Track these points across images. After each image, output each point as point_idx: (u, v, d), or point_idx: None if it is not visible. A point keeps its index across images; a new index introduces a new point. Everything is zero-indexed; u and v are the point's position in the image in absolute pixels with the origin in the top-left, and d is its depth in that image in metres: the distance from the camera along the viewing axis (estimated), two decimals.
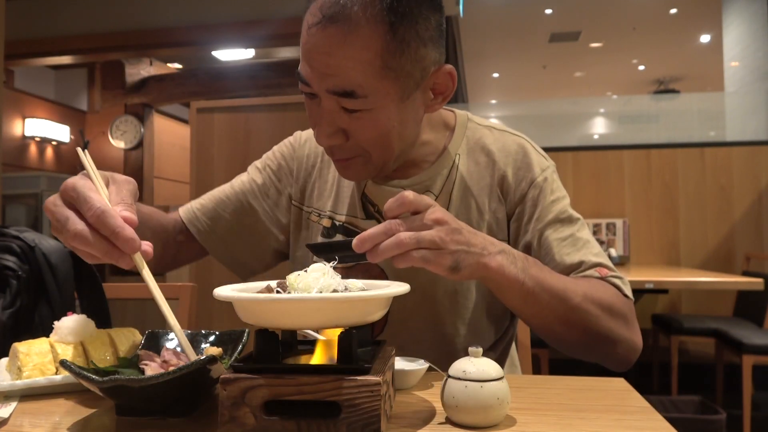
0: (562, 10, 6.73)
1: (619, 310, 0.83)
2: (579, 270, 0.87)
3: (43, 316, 0.90)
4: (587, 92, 10.05)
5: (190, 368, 0.56)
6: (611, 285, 0.85)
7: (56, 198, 0.66)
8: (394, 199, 0.68)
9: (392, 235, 0.66)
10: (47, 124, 6.60)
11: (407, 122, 0.84)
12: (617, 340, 0.82)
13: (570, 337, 0.81)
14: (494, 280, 0.73)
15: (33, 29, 4.84)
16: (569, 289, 0.78)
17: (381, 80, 0.77)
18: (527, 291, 0.75)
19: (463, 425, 0.58)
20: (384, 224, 0.67)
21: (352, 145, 0.84)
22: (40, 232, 1.06)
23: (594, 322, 0.80)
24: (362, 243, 0.66)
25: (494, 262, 0.72)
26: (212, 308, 2.91)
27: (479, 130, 0.98)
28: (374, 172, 0.89)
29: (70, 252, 0.96)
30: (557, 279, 0.79)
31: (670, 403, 2.58)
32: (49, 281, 0.91)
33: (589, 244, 0.90)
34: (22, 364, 0.71)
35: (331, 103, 0.80)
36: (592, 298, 0.80)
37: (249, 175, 1.06)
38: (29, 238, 0.93)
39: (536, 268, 0.77)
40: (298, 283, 0.59)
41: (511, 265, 0.73)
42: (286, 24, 4.47)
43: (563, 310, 0.78)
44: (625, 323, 0.83)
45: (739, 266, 3.77)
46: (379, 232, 0.66)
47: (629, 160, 4.01)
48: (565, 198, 0.94)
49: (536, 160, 0.95)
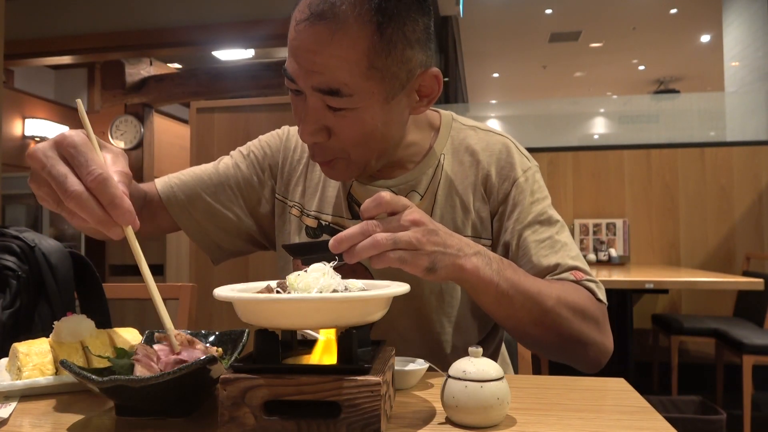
0: (562, 10, 6.73)
1: (592, 314, 0.84)
2: (555, 272, 0.88)
3: (43, 316, 0.90)
4: (587, 92, 10.06)
5: (190, 368, 0.56)
6: (585, 289, 0.86)
7: (48, 148, 0.63)
8: (370, 200, 0.68)
9: (369, 235, 0.66)
10: (47, 124, 6.60)
11: (391, 123, 0.85)
12: (588, 343, 0.83)
13: (543, 338, 0.82)
14: (469, 281, 0.74)
15: (33, 29, 4.84)
16: (543, 292, 0.79)
17: (367, 80, 0.77)
18: (501, 293, 0.75)
19: (463, 425, 0.58)
20: (360, 225, 0.67)
21: (333, 145, 0.84)
22: (40, 232, 1.06)
23: (566, 325, 0.81)
24: (339, 243, 0.66)
25: (469, 264, 0.72)
26: (212, 308, 2.92)
27: (464, 130, 0.99)
28: (357, 172, 0.89)
29: (70, 252, 0.96)
30: (531, 282, 0.80)
31: (670, 403, 2.58)
32: (49, 281, 0.91)
33: (567, 246, 0.91)
34: (22, 364, 0.71)
35: (316, 101, 0.80)
36: (566, 301, 0.81)
37: (233, 159, 1.05)
38: (29, 238, 0.93)
39: (511, 270, 0.78)
40: (298, 283, 0.59)
41: (486, 267, 0.74)
42: (286, 24, 4.40)
43: (537, 312, 0.79)
44: (597, 326, 0.84)
45: (739, 266, 3.77)
46: (355, 232, 0.66)
47: (629, 160, 4.01)
48: (546, 199, 0.95)
49: (519, 160, 0.95)
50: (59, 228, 5.90)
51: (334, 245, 0.66)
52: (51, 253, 0.92)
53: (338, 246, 0.66)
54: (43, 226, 5.62)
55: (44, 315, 0.90)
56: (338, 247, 0.66)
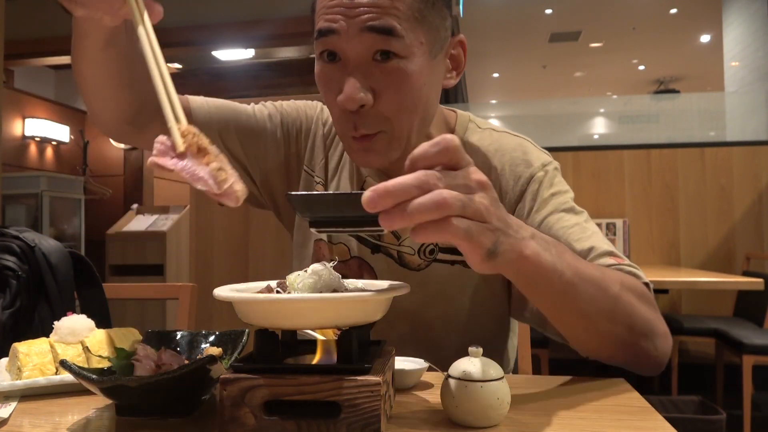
0: (562, 10, 6.74)
1: (651, 299, 0.74)
2: (590, 257, 0.79)
3: (43, 316, 0.90)
4: (587, 92, 10.05)
5: (190, 368, 0.56)
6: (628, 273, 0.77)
7: None
8: (431, 142, 0.51)
9: (428, 191, 0.49)
10: (47, 124, 6.59)
11: (432, 87, 0.82)
12: (657, 333, 0.73)
13: (611, 335, 0.70)
14: (527, 272, 0.59)
15: (33, 29, 4.84)
16: (606, 276, 0.67)
17: (415, 27, 0.76)
18: (566, 282, 0.61)
19: (463, 425, 0.58)
20: (416, 175, 0.49)
21: (377, 114, 0.78)
22: (40, 232, 1.06)
23: (637, 314, 0.70)
24: (380, 198, 0.48)
25: (529, 249, 0.57)
26: (212, 308, 2.91)
27: (478, 132, 0.96)
28: (397, 153, 0.82)
29: (70, 252, 0.96)
30: (590, 265, 0.68)
31: (670, 403, 2.58)
32: (49, 281, 0.91)
33: (598, 234, 0.84)
34: (22, 364, 0.71)
35: (362, 50, 0.75)
36: (628, 285, 0.70)
37: (267, 111, 0.98)
38: (29, 238, 0.93)
39: (569, 254, 0.64)
40: (298, 283, 0.59)
41: (546, 252, 0.59)
42: (286, 24, 4.47)
43: (605, 302, 0.66)
44: (658, 313, 0.74)
45: (739, 266, 3.77)
46: (408, 183, 0.48)
47: (629, 160, 4.01)
48: (569, 193, 0.89)
49: (537, 156, 0.91)
50: (59, 228, 5.90)
51: (374, 198, 0.47)
52: (51, 253, 0.92)
53: (379, 200, 0.48)
54: (43, 226, 5.62)
55: (44, 315, 0.90)
56: (379, 203, 0.48)
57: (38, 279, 0.90)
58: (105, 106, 0.85)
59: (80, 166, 6.72)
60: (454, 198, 0.49)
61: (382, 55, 0.76)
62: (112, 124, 0.88)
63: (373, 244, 0.94)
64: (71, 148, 6.89)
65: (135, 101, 0.85)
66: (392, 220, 0.48)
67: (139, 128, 0.88)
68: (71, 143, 6.89)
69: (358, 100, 0.76)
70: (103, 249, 4.67)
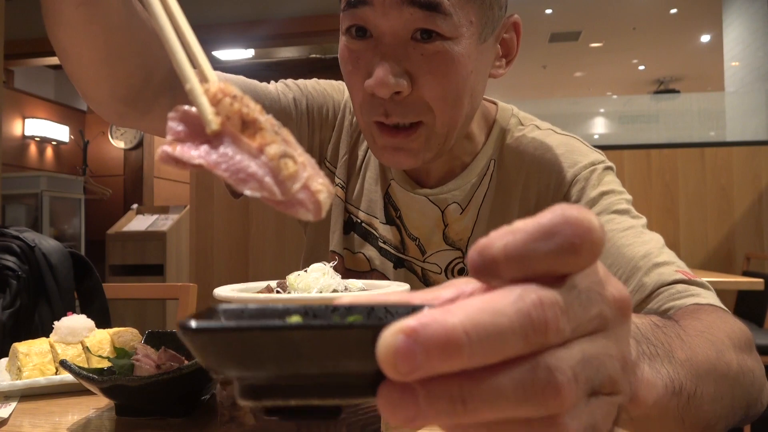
0: (562, 10, 6.74)
1: (752, 343, 0.56)
2: (646, 267, 0.65)
3: (43, 316, 0.90)
4: (587, 92, 10.06)
5: (190, 368, 0.56)
6: (710, 306, 0.60)
7: None
8: (540, 224, 0.24)
9: (539, 347, 0.23)
10: (47, 124, 6.59)
11: (479, 76, 0.70)
12: (764, 384, 0.56)
13: (731, 420, 0.50)
14: (639, 416, 0.36)
15: (33, 29, 4.84)
16: (720, 350, 0.47)
17: (468, 1, 0.64)
18: (688, 396, 0.39)
19: None
20: (522, 304, 0.22)
21: (416, 101, 0.66)
22: (40, 232, 1.06)
23: (752, 381, 0.52)
24: (426, 350, 0.22)
25: (643, 389, 0.33)
26: None
27: (521, 129, 0.83)
28: (434, 151, 0.71)
29: (70, 252, 0.96)
30: (702, 340, 0.46)
31: None
32: (49, 281, 0.91)
33: (657, 241, 0.69)
34: (22, 364, 0.71)
35: (400, 25, 0.63)
36: (737, 342, 0.52)
37: (293, 94, 0.83)
38: (29, 238, 0.93)
39: (678, 343, 0.42)
40: (298, 283, 0.59)
41: (657, 375, 0.35)
42: (286, 24, 4.47)
43: (727, 391, 0.47)
44: (758, 357, 0.56)
45: (739, 266, 3.77)
46: (506, 326, 0.22)
47: (629, 160, 4.01)
48: (624, 194, 0.76)
49: (584, 154, 0.79)
50: (59, 228, 5.91)
51: (413, 351, 0.22)
52: (51, 253, 0.92)
53: (424, 358, 0.22)
54: (43, 226, 5.63)
55: (44, 315, 0.90)
56: (425, 363, 0.22)
57: (38, 279, 0.90)
58: (96, 85, 0.67)
59: (80, 166, 6.72)
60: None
61: (423, 34, 0.64)
62: (105, 105, 0.70)
63: (397, 257, 0.83)
64: (71, 148, 6.89)
65: (133, 76, 0.67)
66: (416, 408, 0.22)
67: (140, 110, 0.70)
68: (71, 143, 6.89)
69: (392, 86, 0.64)
70: (103, 249, 4.67)
